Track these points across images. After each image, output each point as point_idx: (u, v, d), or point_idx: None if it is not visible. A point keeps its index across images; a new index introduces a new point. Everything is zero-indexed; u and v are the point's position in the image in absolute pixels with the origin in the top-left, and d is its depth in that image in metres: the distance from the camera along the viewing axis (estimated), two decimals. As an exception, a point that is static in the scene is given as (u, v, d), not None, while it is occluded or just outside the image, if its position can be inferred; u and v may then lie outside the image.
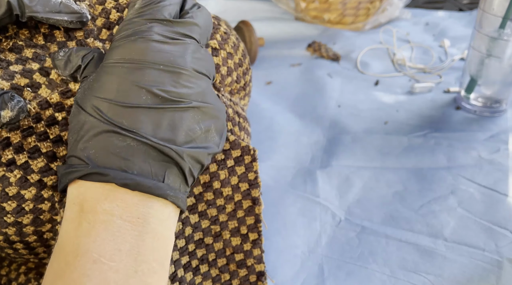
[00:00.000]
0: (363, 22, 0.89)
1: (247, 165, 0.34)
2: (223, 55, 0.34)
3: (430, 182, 0.49)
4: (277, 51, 0.80)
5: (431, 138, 0.56)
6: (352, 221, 0.45)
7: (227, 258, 0.35)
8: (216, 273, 0.34)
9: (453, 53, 0.78)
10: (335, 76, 0.71)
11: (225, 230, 0.34)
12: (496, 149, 0.54)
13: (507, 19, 0.53)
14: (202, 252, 0.34)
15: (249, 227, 0.35)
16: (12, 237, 0.28)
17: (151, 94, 0.23)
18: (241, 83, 0.38)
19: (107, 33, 0.31)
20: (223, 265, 0.35)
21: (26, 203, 0.27)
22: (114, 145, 0.23)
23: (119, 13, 0.31)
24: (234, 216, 0.34)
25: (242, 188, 0.34)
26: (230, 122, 0.34)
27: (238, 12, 0.96)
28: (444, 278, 0.39)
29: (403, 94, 0.67)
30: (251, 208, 0.34)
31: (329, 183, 0.50)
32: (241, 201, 0.34)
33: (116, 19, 0.31)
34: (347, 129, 0.59)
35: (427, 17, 0.93)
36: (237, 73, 0.37)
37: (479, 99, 0.61)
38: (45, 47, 0.29)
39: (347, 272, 0.40)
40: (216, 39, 0.34)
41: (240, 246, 0.35)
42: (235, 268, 0.35)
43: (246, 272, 0.35)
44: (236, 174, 0.34)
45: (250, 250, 0.35)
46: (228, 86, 0.36)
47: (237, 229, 0.34)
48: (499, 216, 0.45)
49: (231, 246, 0.35)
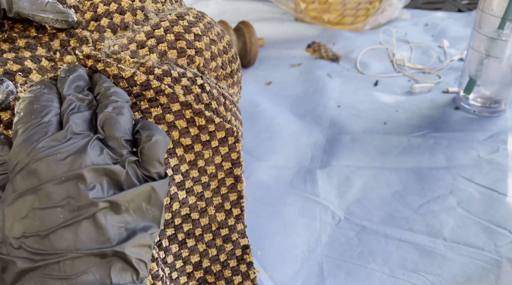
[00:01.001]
0: (362, 22, 0.89)
1: (231, 146, 0.35)
2: (206, 41, 0.35)
3: (429, 182, 0.50)
4: (277, 51, 0.80)
5: (431, 138, 0.57)
6: (352, 221, 0.46)
7: (213, 233, 0.36)
8: (203, 248, 0.35)
9: (452, 54, 0.78)
10: (334, 76, 0.71)
11: (210, 206, 0.35)
12: (495, 149, 0.54)
13: (506, 19, 0.53)
14: (188, 226, 0.34)
15: (232, 203, 0.36)
16: None
17: (64, 209, 0.22)
18: (227, 69, 0.39)
19: (94, 24, 0.33)
20: (209, 240, 0.36)
21: None
22: (50, 270, 0.22)
23: (106, 6, 0.34)
24: (218, 192, 0.36)
25: (225, 167, 0.35)
26: (215, 101, 0.35)
27: (238, 13, 0.96)
28: (444, 277, 0.39)
29: (403, 94, 0.67)
30: (234, 185, 0.36)
31: (329, 183, 0.50)
32: (224, 179, 0.36)
33: (103, 11, 0.33)
34: (346, 129, 0.59)
35: (426, 17, 0.93)
36: (222, 59, 0.38)
37: (478, 99, 0.61)
38: (37, 38, 0.31)
39: (347, 272, 0.40)
40: (199, 27, 0.36)
41: (224, 221, 0.36)
42: (221, 243, 0.36)
43: (232, 246, 0.36)
44: (220, 153, 0.35)
45: (234, 225, 0.36)
46: (213, 71, 0.37)
47: (221, 205, 0.36)
48: (498, 216, 0.45)
49: (216, 221, 0.36)
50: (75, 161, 0.23)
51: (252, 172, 0.52)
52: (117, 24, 0.34)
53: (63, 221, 0.22)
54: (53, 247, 0.22)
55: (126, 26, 0.34)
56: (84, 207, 0.23)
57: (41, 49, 0.31)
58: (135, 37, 0.33)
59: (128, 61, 0.32)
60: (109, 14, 0.34)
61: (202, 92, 0.34)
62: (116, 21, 0.34)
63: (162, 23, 0.34)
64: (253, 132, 0.59)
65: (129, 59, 0.32)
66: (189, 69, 0.34)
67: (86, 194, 0.23)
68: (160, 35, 0.34)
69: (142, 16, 0.35)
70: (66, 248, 0.22)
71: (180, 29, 0.34)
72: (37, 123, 0.24)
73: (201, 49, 0.35)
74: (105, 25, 0.33)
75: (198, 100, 0.34)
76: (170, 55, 0.34)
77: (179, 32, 0.34)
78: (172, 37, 0.34)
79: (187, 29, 0.35)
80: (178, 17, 0.35)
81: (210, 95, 0.35)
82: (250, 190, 0.49)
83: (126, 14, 0.34)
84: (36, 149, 0.23)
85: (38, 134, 0.23)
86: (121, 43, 0.33)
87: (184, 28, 0.35)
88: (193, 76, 0.34)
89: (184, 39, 0.34)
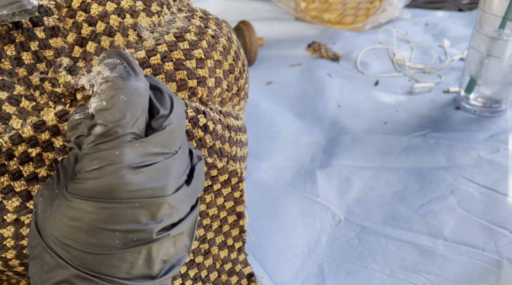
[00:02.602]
0: (363, 22, 0.89)
1: (234, 186, 0.33)
2: (209, 65, 0.31)
3: (429, 182, 0.50)
4: (277, 51, 0.80)
5: (431, 138, 0.56)
6: (352, 221, 0.46)
7: (218, 271, 0.35)
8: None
9: (453, 53, 0.78)
10: (335, 76, 0.71)
11: (213, 246, 0.35)
12: (495, 149, 0.54)
13: (507, 19, 0.53)
14: (194, 272, 0.34)
15: (235, 238, 0.35)
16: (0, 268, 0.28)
17: (124, 236, 0.21)
18: (233, 90, 0.35)
19: (79, 50, 0.28)
20: (215, 278, 0.35)
21: (7, 241, 0.26)
22: None
23: (91, 26, 0.29)
24: (220, 231, 0.35)
25: (227, 206, 0.34)
26: (219, 140, 0.32)
27: (238, 12, 0.96)
28: (444, 277, 0.39)
29: (403, 94, 0.67)
30: (236, 222, 0.35)
31: (329, 183, 0.50)
32: (226, 217, 0.34)
33: (89, 33, 0.29)
34: (347, 129, 0.59)
35: (427, 17, 0.93)
36: (228, 81, 0.34)
37: (479, 99, 0.61)
38: (13, 73, 0.27)
39: (347, 272, 0.40)
40: (202, 48, 0.31)
41: (228, 257, 0.35)
42: (227, 278, 0.36)
43: (237, 278, 0.36)
44: (222, 195, 0.33)
45: (236, 257, 0.36)
46: (217, 96, 0.34)
47: (224, 243, 0.35)
48: (498, 216, 0.45)
49: (219, 259, 0.35)
50: (158, 191, 0.21)
51: (252, 172, 0.52)
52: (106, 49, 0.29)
53: (118, 248, 0.21)
54: (98, 270, 0.21)
55: None
56: (144, 239, 0.21)
57: (19, 87, 0.27)
58: None
59: None
60: (95, 37, 0.29)
61: (205, 135, 0.31)
62: (105, 44, 0.29)
63: (159, 47, 0.30)
64: (253, 132, 0.59)
65: None
66: (189, 104, 0.31)
67: (152, 228, 0.21)
68: (157, 65, 0.30)
69: (134, 37, 0.30)
70: (112, 275, 0.21)
71: (180, 55, 0.30)
72: (121, 126, 0.20)
73: (204, 77, 0.31)
74: (91, 51, 0.29)
75: (200, 145, 0.31)
76: None
77: (179, 59, 0.30)
78: (171, 67, 0.30)
79: (188, 53, 0.30)
80: (177, 37, 0.31)
81: (213, 135, 0.32)
82: (250, 190, 0.49)
83: (116, 36, 0.29)
84: (120, 163, 0.20)
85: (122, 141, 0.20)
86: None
87: (185, 54, 0.30)
88: (194, 114, 0.31)
89: (185, 68, 0.30)
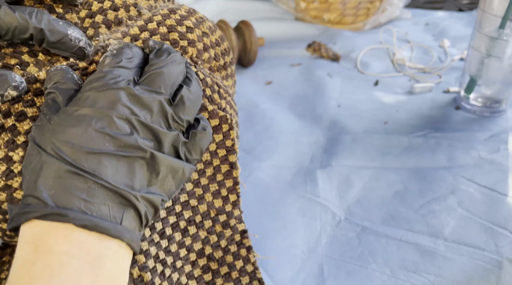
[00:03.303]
0: (363, 22, 0.89)
1: (225, 133, 0.36)
2: (198, 33, 0.36)
3: (430, 182, 0.50)
4: (277, 51, 0.80)
5: (431, 138, 0.56)
6: (352, 221, 0.45)
7: (212, 220, 0.36)
8: (204, 235, 0.36)
9: (453, 53, 0.78)
10: (335, 76, 0.71)
11: (207, 193, 0.36)
12: (496, 149, 0.54)
13: (507, 19, 0.53)
14: (189, 213, 0.35)
15: (229, 189, 0.37)
16: (4, 205, 0.29)
17: (114, 141, 0.24)
18: (220, 61, 0.39)
19: (89, 21, 0.34)
20: (209, 226, 0.36)
21: (15, 165, 0.29)
22: (75, 187, 0.23)
23: (100, 3, 0.35)
24: (214, 179, 0.36)
25: (220, 154, 0.36)
26: (209, 88, 0.36)
27: (238, 12, 0.96)
28: (444, 278, 0.39)
29: (403, 94, 0.67)
30: (229, 172, 0.37)
31: (329, 183, 0.50)
32: (219, 166, 0.36)
33: (97, 9, 0.34)
34: (347, 129, 0.59)
35: (427, 17, 0.93)
36: (215, 51, 0.38)
37: (479, 99, 0.61)
38: None
39: (347, 272, 0.40)
40: (191, 21, 0.37)
41: (222, 208, 0.37)
42: (221, 229, 0.37)
43: (231, 232, 0.37)
44: (214, 141, 0.36)
45: (231, 211, 0.37)
46: (206, 62, 0.38)
47: (218, 191, 0.37)
48: (499, 216, 0.45)
49: (214, 208, 0.36)
50: (143, 114, 0.26)
51: (252, 172, 0.51)
52: (111, 20, 0.35)
53: (107, 150, 0.24)
54: (88, 166, 0.24)
55: (120, 21, 0.35)
56: (130, 147, 0.25)
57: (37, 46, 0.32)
58: (129, 31, 0.34)
59: None
60: (103, 11, 0.35)
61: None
62: (110, 17, 0.35)
63: (155, 17, 0.35)
64: (253, 132, 0.59)
65: None
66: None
67: (136, 138, 0.25)
68: (153, 28, 0.34)
69: (135, 12, 0.36)
70: (99, 173, 0.24)
71: (173, 22, 0.35)
72: (122, 62, 0.27)
73: (194, 40, 0.36)
74: (99, 21, 0.34)
75: None
76: None
77: (172, 25, 0.35)
78: (164, 30, 0.34)
79: (179, 22, 0.36)
80: (170, 11, 0.36)
81: (204, 82, 0.35)
82: (250, 190, 0.49)
83: (120, 11, 0.35)
84: (118, 83, 0.26)
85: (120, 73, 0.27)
86: (115, 37, 0.34)
87: (176, 21, 0.36)
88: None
89: (177, 31, 0.35)
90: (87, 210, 0.23)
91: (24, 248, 0.23)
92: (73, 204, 0.23)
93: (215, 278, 0.36)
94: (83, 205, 0.23)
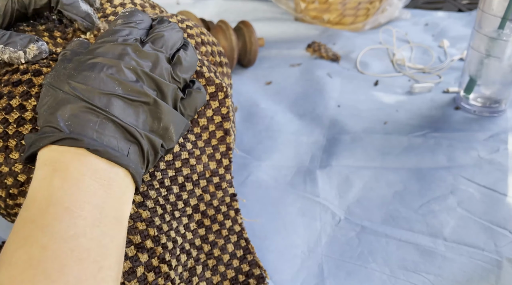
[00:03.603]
0: (362, 22, 0.89)
1: (221, 101, 0.38)
2: (196, 31, 0.40)
3: (430, 182, 0.50)
4: (277, 51, 0.80)
5: (431, 138, 0.56)
6: (352, 221, 0.46)
7: (207, 180, 0.39)
8: (199, 193, 0.38)
9: (453, 53, 0.78)
10: (335, 76, 0.71)
11: (203, 154, 0.39)
12: (495, 149, 0.54)
13: (506, 19, 0.53)
14: (187, 171, 0.37)
15: (222, 153, 0.40)
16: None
17: (122, 85, 0.27)
18: (217, 58, 0.43)
19: (103, 20, 0.38)
20: (204, 186, 0.39)
21: (26, 114, 0.31)
22: (89, 119, 0.26)
23: (113, 8, 0.38)
24: (209, 143, 0.39)
25: (215, 120, 0.39)
26: (206, 67, 0.38)
27: (238, 13, 0.96)
28: (444, 277, 0.39)
29: (403, 94, 0.67)
30: (223, 138, 0.39)
31: (329, 183, 0.50)
32: (214, 131, 0.39)
33: (111, 12, 0.38)
34: (347, 129, 0.59)
35: (427, 17, 0.93)
36: (212, 49, 0.42)
37: (479, 99, 0.61)
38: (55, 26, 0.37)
39: (347, 272, 0.40)
40: (190, 22, 0.41)
41: (216, 170, 0.39)
42: (214, 190, 0.39)
43: (222, 193, 0.39)
44: (211, 107, 0.38)
45: (223, 174, 0.40)
46: (204, 55, 0.40)
47: (212, 155, 0.39)
48: (498, 216, 0.45)
49: (209, 169, 0.39)
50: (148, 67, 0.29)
51: (252, 172, 0.52)
52: None
53: (117, 93, 0.27)
54: (101, 104, 0.27)
55: None
56: (136, 92, 0.28)
57: (57, 32, 0.36)
58: None
59: None
60: (115, 14, 0.39)
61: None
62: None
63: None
64: (253, 132, 0.59)
65: None
66: None
67: (142, 85, 0.28)
68: None
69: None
70: (110, 110, 0.27)
71: (174, 20, 0.39)
72: (134, 23, 0.30)
73: (192, 34, 0.40)
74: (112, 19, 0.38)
75: None
76: None
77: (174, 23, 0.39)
78: None
79: (180, 21, 0.41)
80: (172, 15, 0.41)
81: (201, 62, 0.38)
82: (250, 190, 0.49)
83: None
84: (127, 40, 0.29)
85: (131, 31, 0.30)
86: None
87: (178, 20, 0.40)
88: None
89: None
90: (99, 139, 0.26)
91: (42, 169, 0.26)
92: (87, 132, 0.26)
93: (208, 233, 0.38)
94: (95, 134, 0.26)
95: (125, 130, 0.27)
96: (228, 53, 0.69)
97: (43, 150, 0.26)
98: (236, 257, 0.39)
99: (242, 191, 0.48)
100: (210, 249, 0.38)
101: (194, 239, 0.37)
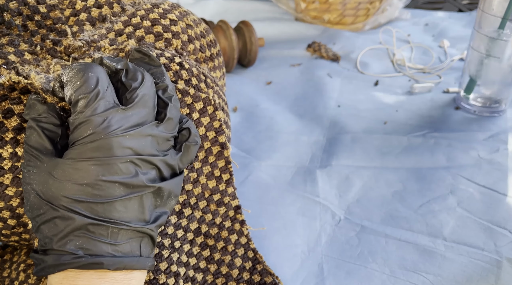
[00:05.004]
0: (362, 22, 0.89)
1: (211, 115, 0.36)
2: (182, 25, 0.37)
3: (429, 182, 0.50)
4: (277, 51, 0.80)
5: (431, 138, 0.57)
6: (352, 221, 0.46)
7: (206, 200, 0.38)
8: (200, 215, 0.37)
9: (453, 54, 0.78)
10: (335, 76, 0.71)
11: (201, 176, 0.37)
12: (495, 149, 0.54)
13: (506, 19, 0.53)
14: (183, 197, 0.36)
15: (221, 169, 0.38)
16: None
17: (124, 186, 0.26)
18: (207, 53, 0.40)
19: (73, 19, 0.35)
20: (204, 206, 0.38)
21: (4, 162, 0.29)
22: (99, 234, 0.25)
23: (83, 2, 0.36)
24: (207, 162, 0.37)
25: (210, 137, 0.37)
26: (195, 77, 0.36)
27: (239, 13, 0.96)
28: (444, 277, 0.39)
29: (403, 94, 0.67)
30: (220, 153, 0.38)
31: (329, 183, 0.50)
32: (210, 148, 0.37)
33: (81, 7, 0.36)
34: (346, 129, 0.59)
35: (427, 17, 0.93)
36: (200, 43, 0.39)
37: (479, 99, 0.61)
38: (20, 35, 0.34)
39: (347, 271, 0.40)
40: (174, 14, 0.37)
41: (216, 187, 0.38)
42: (215, 208, 0.38)
43: (225, 209, 0.38)
44: (203, 124, 0.36)
45: (225, 189, 0.38)
46: (192, 53, 0.38)
47: (211, 173, 0.38)
48: (498, 216, 0.45)
49: (208, 188, 0.38)
50: (141, 148, 0.26)
51: (252, 172, 0.52)
52: (95, 17, 0.36)
53: (119, 196, 0.25)
54: (106, 216, 0.25)
55: (104, 18, 0.36)
56: (138, 187, 0.26)
57: (23, 44, 0.33)
58: (113, 27, 0.35)
59: (107, 48, 0.33)
60: (87, 9, 0.36)
61: (181, 69, 0.35)
62: (94, 14, 0.36)
63: (138, 12, 0.36)
64: (253, 132, 0.59)
65: (108, 46, 0.33)
66: (167, 50, 0.36)
67: (142, 178, 0.26)
68: (137, 23, 0.35)
69: (118, 9, 0.37)
70: (118, 219, 0.26)
71: (156, 15, 0.36)
72: (99, 94, 0.25)
73: (178, 32, 0.37)
74: (83, 19, 0.35)
75: (177, 77, 0.35)
76: (147, 40, 0.35)
77: (155, 18, 0.36)
78: (148, 23, 0.35)
79: (163, 15, 0.37)
80: (153, 6, 0.37)
81: (189, 72, 0.35)
82: (250, 189, 0.49)
83: (103, 8, 0.36)
84: (110, 127, 0.25)
85: (105, 106, 0.25)
86: (100, 33, 0.34)
87: (160, 15, 0.36)
88: (171, 55, 0.35)
89: (160, 24, 0.36)
90: (115, 252, 0.26)
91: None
92: (102, 250, 0.25)
93: (213, 253, 0.38)
94: (110, 248, 0.25)
95: (136, 231, 0.27)
96: (228, 53, 0.69)
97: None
98: (246, 270, 0.38)
99: (242, 191, 0.49)
100: (217, 269, 0.37)
101: (198, 263, 0.37)
